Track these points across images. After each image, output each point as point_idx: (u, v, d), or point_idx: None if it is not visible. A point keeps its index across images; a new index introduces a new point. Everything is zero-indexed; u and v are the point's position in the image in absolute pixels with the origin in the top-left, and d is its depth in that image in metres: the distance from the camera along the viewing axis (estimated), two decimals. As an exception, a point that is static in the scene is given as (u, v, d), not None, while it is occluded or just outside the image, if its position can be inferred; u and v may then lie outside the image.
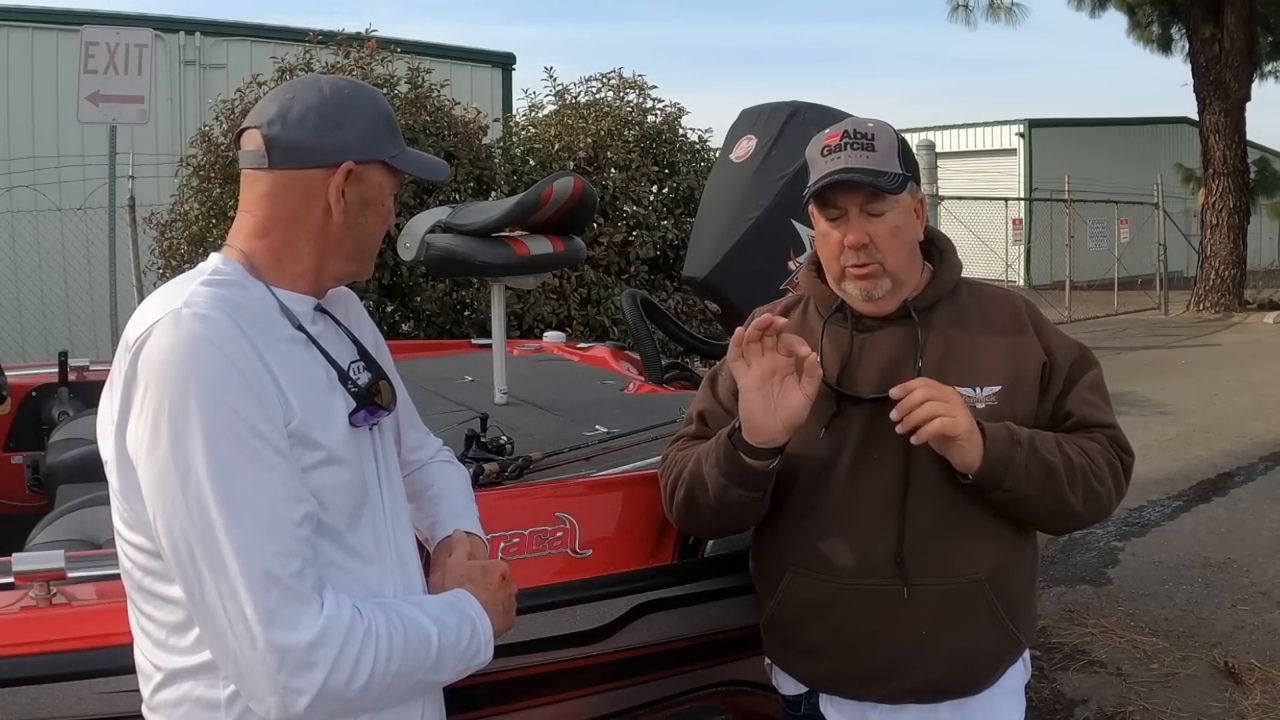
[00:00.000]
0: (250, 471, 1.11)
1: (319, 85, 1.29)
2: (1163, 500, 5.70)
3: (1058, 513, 1.66)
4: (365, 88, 1.33)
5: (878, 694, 1.69)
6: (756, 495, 1.66)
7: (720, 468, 1.63)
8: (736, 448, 1.60)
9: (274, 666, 1.11)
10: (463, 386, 2.96)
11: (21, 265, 9.38)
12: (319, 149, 1.26)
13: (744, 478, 1.62)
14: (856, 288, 1.68)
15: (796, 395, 1.55)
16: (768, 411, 1.56)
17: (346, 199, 1.28)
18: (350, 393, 1.28)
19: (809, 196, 1.66)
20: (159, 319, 1.15)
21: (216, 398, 1.11)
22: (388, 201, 1.35)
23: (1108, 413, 1.74)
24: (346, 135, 1.27)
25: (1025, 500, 1.61)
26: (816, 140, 1.70)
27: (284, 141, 1.26)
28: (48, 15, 9.74)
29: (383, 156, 1.31)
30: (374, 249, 1.36)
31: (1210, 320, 14.65)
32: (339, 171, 1.26)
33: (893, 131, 1.68)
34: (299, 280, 1.29)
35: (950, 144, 22.20)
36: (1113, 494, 1.69)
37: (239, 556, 1.10)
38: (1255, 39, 15.23)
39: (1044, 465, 1.61)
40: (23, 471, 3.16)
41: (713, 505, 1.68)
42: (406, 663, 1.20)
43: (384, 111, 1.33)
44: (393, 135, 1.33)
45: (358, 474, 1.27)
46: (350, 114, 1.28)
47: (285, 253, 1.27)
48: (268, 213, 1.27)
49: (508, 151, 7.83)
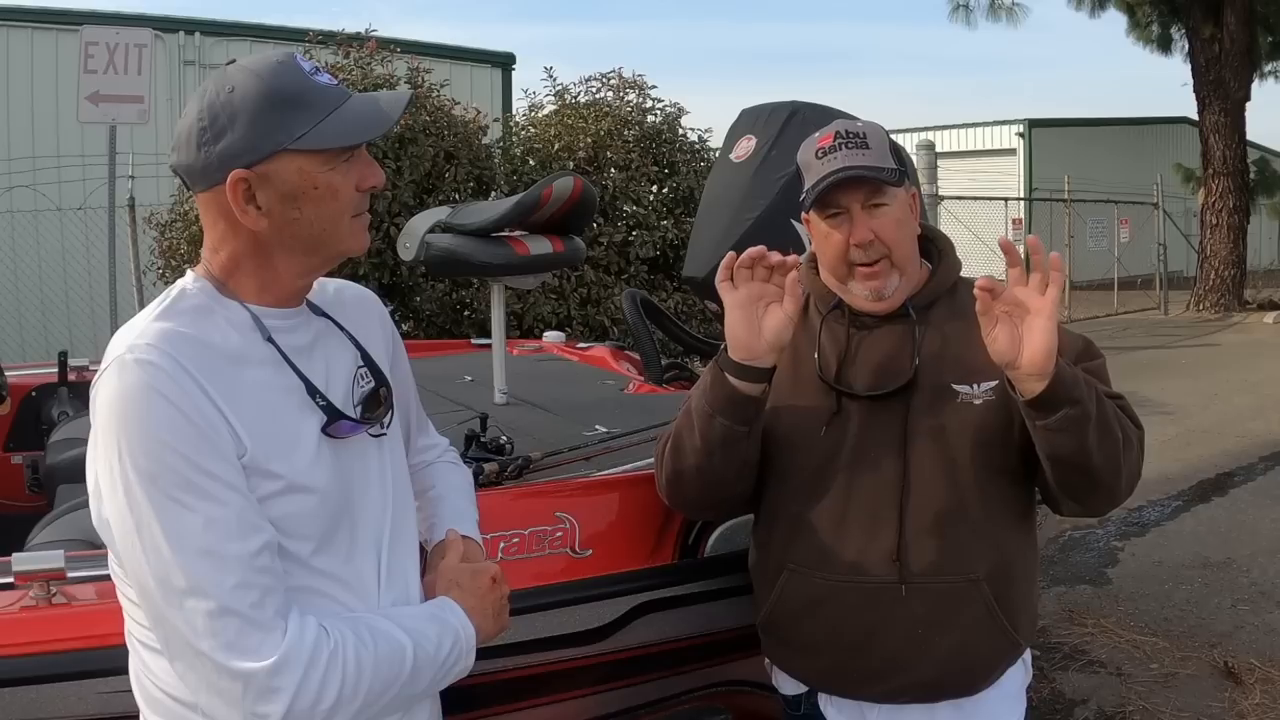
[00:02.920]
0: (201, 509, 1.12)
1: (202, 95, 1.23)
2: (1163, 500, 5.70)
3: (1109, 449, 1.55)
4: (249, 76, 1.21)
5: (874, 693, 1.69)
6: (741, 430, 1.63)
7: (707, 397, 1.63)
8: (723, 369, 1.61)
9: (239, 694, 1.13)
10: (462, 386, 2.96)
11: (21, 265, 9.38)
12: (207, 168, 1.21)
13: (730, 402, 1.61)
14: (866, 288, 1.68)
15: (778, 314, 1.58)
16: (751, 331, 1.58)
17: (261, 204, 1.21)
18: (320, 406, 1.26)
19: (813, 199, 1.65)
20: (109, 364, 1.17)
21: (159, 444, 1.12)
22: (323, 182, 1.22)
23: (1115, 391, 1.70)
24: (228, 143, 1.19)
25: (1085, 427, 1.51)
26: (808, 144, 1.69)
27: (183, 168, 1.24)
28: (48, 15, 9.74)
29: (280, 146, 1.20)
30: (330, 236, 1.26)
31: (1210, 320, 14.65)
32: (228, 184, 1.20)
33: (882, 130, 1.69)
34: (264, 294, 1.27)
35: (950, 144, 22.19)
36: (1139, 453, 1.64)
37: (195, 593, 1.12)
38: (1255, 39, 15.24)
39: (1092, 386, 1.55)
40: (23, 471, 3.16)
41: (698, 444, 1.65)
42: (379, 679, 1.20)
43: (272, 96, 1.20)
44: (290, 116, 1.20)
45: (329, 497, 1.25)
46: (228, 119, 1.19)
47: (237, 267, 1.26)
48: (210, 231, 1.26)
49: (508, 151, 7.84)
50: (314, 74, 1.24)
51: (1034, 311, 1.48)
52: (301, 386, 1.25)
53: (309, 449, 1.24)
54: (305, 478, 1.22)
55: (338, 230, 1.26)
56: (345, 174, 1.25)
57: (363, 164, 1.27)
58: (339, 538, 1.27)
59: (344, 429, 1.28)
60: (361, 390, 1.34)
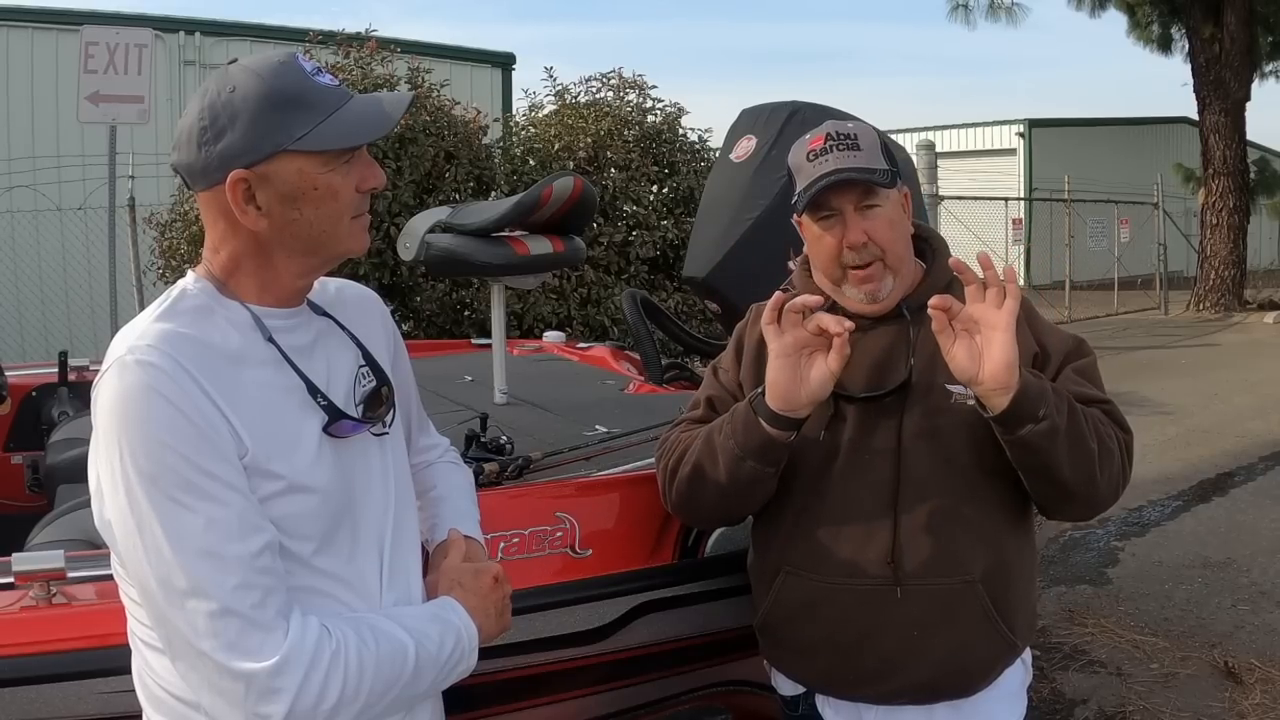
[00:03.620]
0: (202, 510, 1.13)
1: (203, 95, 1.22)
2: (1163, 500, 5.70)
3: (1081, 461, 1.57)
4: (250, 76, 1.20)
5: (870, 694, 1.69)
6: (769, 471, 1.65)
7: (737, 438, 1.63)
8: (758, 414, 1.61)
9: (240, 694, 1.13)
10: (463, 386, 2.96)
11: (21, 265, 9.39)
12: (207, 168, 1.21)
13: (761, 448, 1.61)
14: (861, 291, 1.68)
15: (821, 367, 1.57)
16: (793, 380, 1.57)
17: (260, 204, 1.21)
18: (321, 406, 1.26)
19: (805, 202, 1.64)
20: (110, 365, 1.17)
21: (160, 444, 1.12)
22: (323, 183, 1.22)
23: (1101, 392, 1.71)
24: (228, 143, 1.19)
25: (1054, 441, 1.53)
26: (799, 147, 1.69)
27: (184, 166, 1.24)
28: (48, 15, 9.75)
29: (279, 147, 1.19)
30: (330, 236, 1.26)
31: (1210, 320, 14.65)
32: (228, 184, 1.20)
33: (873, 130, 1.69)
34: (265, 293, 1.27)
35: (950, 144, 22.20)
36: (1124, 461, 1.65)
37: (197, 594, 1.12)
38: (1255, 39, 15.23)
39: (1064, 396, 1.57)
40: (23, 471, 3.16)
41: (722, 481, 1.66)
42: (380, 679, 1.20)
43: (273, 96, 1.19)
44: (291, 117, 1.20)
45: (330, 497, 1.25)
46: (228, 119, 1.19)
47: (237, 267, 1.26)
48: (211, 230, 1.26)
49: (508, 151, 7.84)
50: (315, 74, 1.24)
51: (991, 325, 1.49)
52: (302, 386, 1.25)
53: (310, 449, 1.24)
54: (306, 478, 1.22)
55: (337, 231, 1.26)
56: (345, 175, 1.24)
57: (363, 165, 1.27)
58: (340, 537, 1.27)
59: (345, 428, 1.28)
60: (363, 389, 1.34)
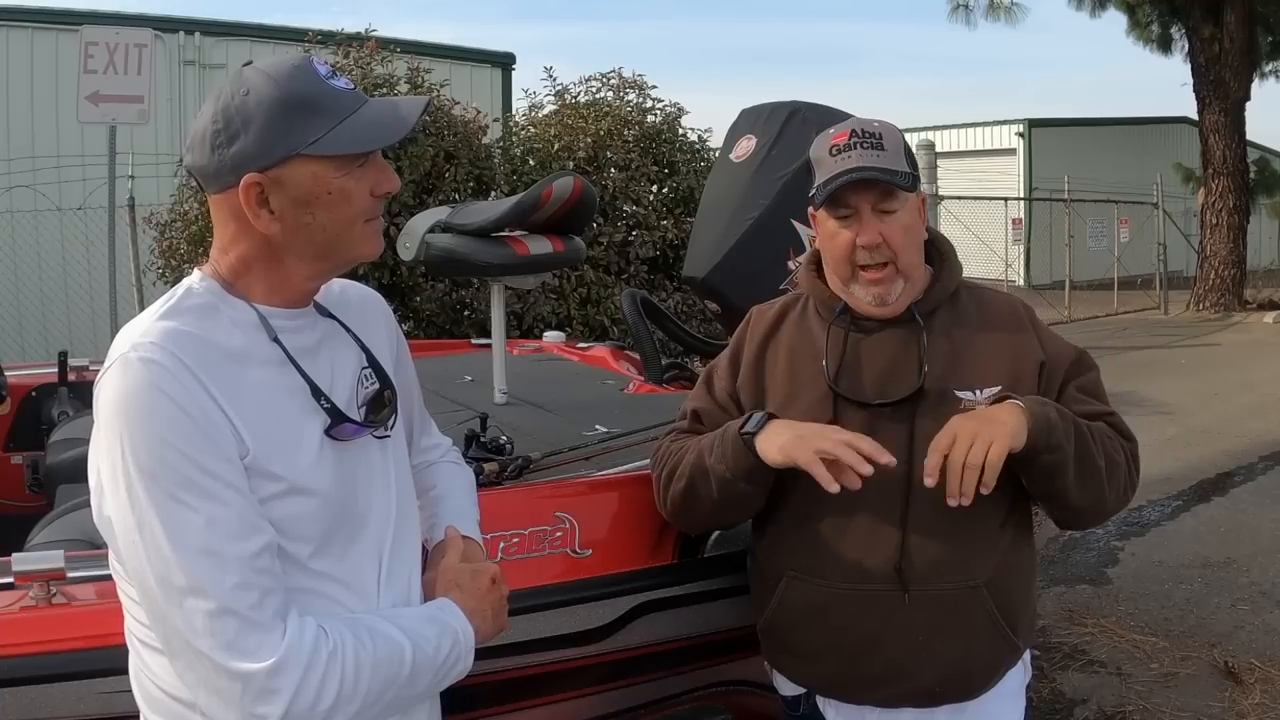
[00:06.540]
0: (202, 509, 1.13)
1: (216, 97, 1.22)
2: (1163, 500, 5.70)
3: (1091, 484, 1.61)
4: (264, 80, 1.20)
5: (874, 698, 1.69)
6: (761, 491, 1.67)
7: (728, 463, 1.64)
8: (749, 449, 1.61)
9: (238, 694, 1.13)
10: (462, 386, 2.96)
11: (21, 265, 9.37)
12: (220, 171, 1.21)
13: (751, 472, 1.63)
14: (870, 293, 1.67)
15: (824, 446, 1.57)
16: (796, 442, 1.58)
17: (273, 208, 1.21)
18: (324, 409, 1.26)
19: (823, 196, 1.63)
20: (113, 362, 1.17)
21: (161, 442, 1.12)
22: (336, 187, 1.22)
23: (1104, 404, 1.73)
24: (242, 146, 1.19)
25: (1064, 464, 1.57)
26: (822, 140, 1.68)
27: (197, 169, 1.23)
28: (48, 15, 9.73)
29: (293, 151, 1.19)
30: (343, 240, 1.26)
31: (1210, 320, 14.64)
32: (241, 188, 1.20)
33: (897, 131, 1.68)
34: (273, 295, 1.27)
35: (950, 144, 22.19)
36: (1129, 469, 1.69)
37: (195, 593, 1.12)
38: (1255, 39, 15.23)
39: (1069, 419, 1.60)
40: (23, 471, 3.16)
41: (714, 498, 1.69)
42: (377, 680, 1.20)
43: (287, 100, 1.19)
44: (305, 121, 1.19)
45: (330, 500, 1.25)
46: (242, 122, 1.19)
47: (247, 269, 1.26)
48: (221, 232, 1.26)
49: (507, 151, 7.82)
50: (330, 78, 1.24)
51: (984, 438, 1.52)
52: (306, 388, 1.25)
53: (311, 451, 1.24)
54: (306, 480, 1.22)
55: (350, 235, 1.26)
56: (359, 179, 1.24)
57: (377, 169, 1.27)
58: (339, 540, 1.27)
59: (348, 431, 1.28)
60: (366, 392, 1.34)
